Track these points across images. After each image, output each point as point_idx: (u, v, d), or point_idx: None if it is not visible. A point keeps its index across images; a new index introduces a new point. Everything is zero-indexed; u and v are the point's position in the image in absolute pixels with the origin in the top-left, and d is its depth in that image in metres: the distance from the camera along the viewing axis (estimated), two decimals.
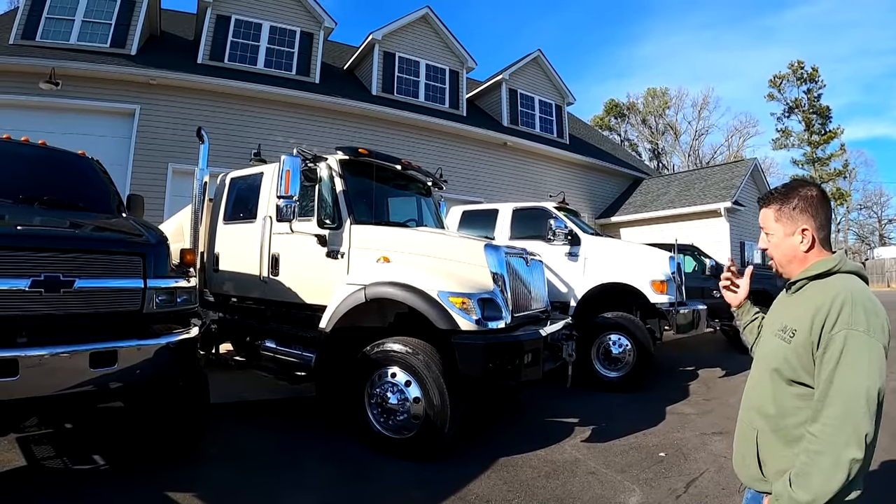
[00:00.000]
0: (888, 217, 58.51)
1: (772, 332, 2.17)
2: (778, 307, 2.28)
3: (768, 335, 2.21)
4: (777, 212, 2.16)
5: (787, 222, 2.13)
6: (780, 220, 2.16)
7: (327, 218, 6.17)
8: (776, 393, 2.04)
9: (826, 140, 57.21)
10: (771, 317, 2.31)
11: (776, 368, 2.03)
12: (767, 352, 2.15)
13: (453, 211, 10.94)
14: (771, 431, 2.04)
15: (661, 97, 64.54)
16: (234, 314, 7.39)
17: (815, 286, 2.04)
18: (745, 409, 2.24)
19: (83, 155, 6.19)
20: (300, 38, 16.93)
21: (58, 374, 3.61)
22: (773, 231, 2.20)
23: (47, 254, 3.76)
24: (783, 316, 2.13)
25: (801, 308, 2.01)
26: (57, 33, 13.88)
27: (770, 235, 2.22)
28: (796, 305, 2.08)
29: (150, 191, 12.48)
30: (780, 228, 2.16)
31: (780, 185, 2.27)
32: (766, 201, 2.23)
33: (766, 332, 2.27)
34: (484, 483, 4.70)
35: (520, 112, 21.78)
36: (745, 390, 2.30)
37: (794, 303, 2.11)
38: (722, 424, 6.53)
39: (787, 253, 2.16)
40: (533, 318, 6.27)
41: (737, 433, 2.28)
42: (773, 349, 2.10)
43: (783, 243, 2.16)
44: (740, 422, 2.27)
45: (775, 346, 2.08)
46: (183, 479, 4.51)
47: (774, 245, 2.20)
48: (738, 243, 19.92)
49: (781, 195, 2.17)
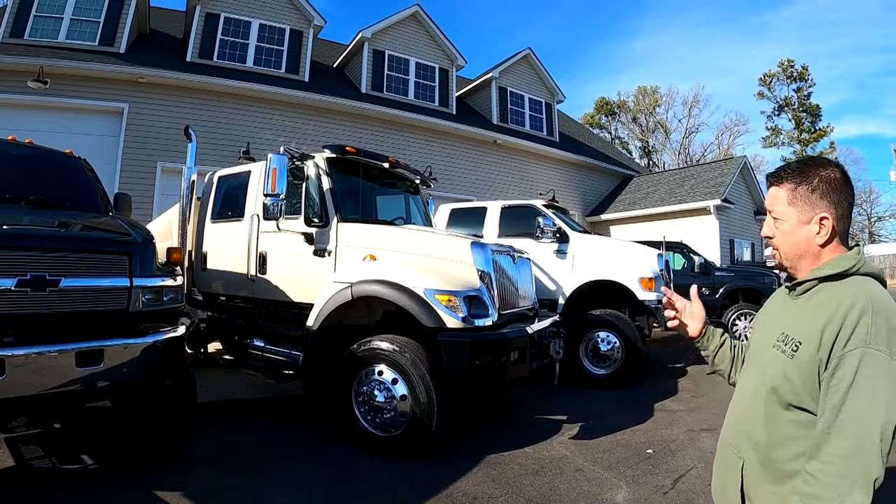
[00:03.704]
0: (877, 214, 58.80)
1: (768, 339, 1.79)
2: (777, 309, 1.92)
3: (763, 343, 1.83)
4: (792, 192, 1.75)
5: (803, 207, 1.72)
6: (794, 204, 1.74)
7: (314, 216, 6.17)
8: (769, 417, 1.69)
9: (816, 138, 57.55)
10: (767, 320, 1.94)
11: (774, 388, 1.68)
12: (763, 365, 1.78)
13: (442, 209, 10.96)
14: (759, 463, 1.71)
15: (652, 95, 64.69)
16: (223, 313, 7.39)
17: (828, 289, 1.68)
18: (730, 431, 1.90)
19: (70, 154, 6.17)
20: (289, 36, 16.90)
21: (44, 373, 3.61)
22: (783, 216, 1.77)
23: (33, 253, 3.76)
24: (785, 322, 1.76)
25: (810, 316, 1.65)
26: (45, 31, 13.79)
27: (779, 221, 1.79)
28: (802, 311, 1.72)
29: (139, 189, 12.47)
30: (793, 213, 1.74)
31: (794, 162, 1.85)
32: (779, 178, 1.80)
33: (760, 339, 1.89)
34: (471, 481, 4.71)
35: (510, 110, 21.83)
36: (731, 405, 1.95)
37: (800, 308, 1.74)
38: (710, 421, 6.56)
39: (799, 245, 1.75)
40: (520, 316, 6.28)
41: (718, 455, 1.97)
42: (770, 363, 1.73)
43: (795, 232, 1.75)
44: (722, 443, 1.94)
45: (773, 359, 1.72)
46: (171, 478, 4.51)
47: (784, 233, 1.78)
48: (728, 241, 20.05)
49: (799, 173, 1.75)
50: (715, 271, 13.84)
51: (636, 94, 65.74)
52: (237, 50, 16.08)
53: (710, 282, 13.41)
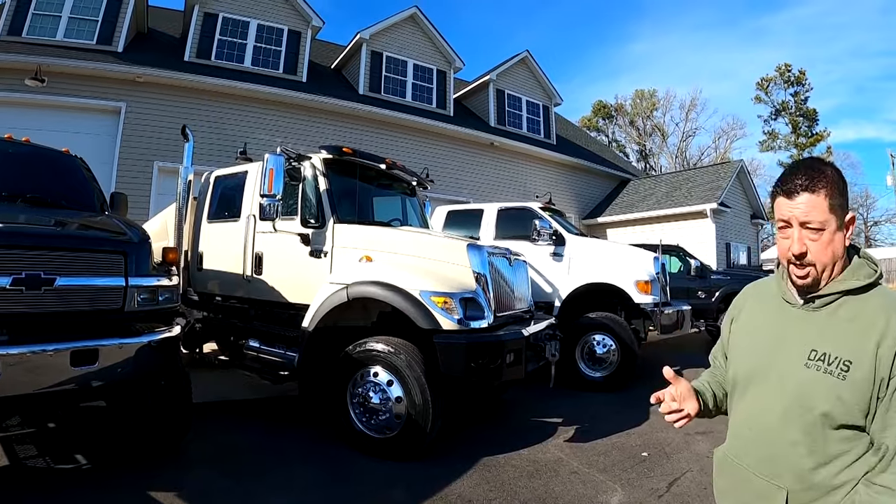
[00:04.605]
0: (874, 219, 58.93)
1: (786, 355, 1.68)
2: (776, 318, 1.79)
3: (778, 360, 1.70)
4: (831, 199, 1.60)
5: (839, 212, 1.61)
6: (834, 210, 1.60)
7: (311, 217, 6.18)
8: (816, 441, 1.58)
9: (813, 143, 57.66)
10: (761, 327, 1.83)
11: (825, 413, 1.55)
12: (798, 386, 1.62)
13: (438, 211, 10.96)
14: (805, 489, 1.60)
15: (649, 99, 64.78)
16: (218, 313, 7.38)
17: (857, 302, 1.61)
18: (754, 456, 1.75)
19: (67, 153, 6.17)
20: (288, 37, 16.90)
21: (39, 372, 3.60)
22: (824, 225, 1.60)
23: (29, 251, 3.75)
24: (810, 337, 1.64)
25: (851, 332, 1.56)
26: (43, 30, 13.77)
27: (819, 232, 1.61)
28: (835, 327, 1.61)
29: (136, 189, 12.46)
30: (833, 220, 1.60)
31: (799, 166, 1.69)
32: (812, 184, 1.61)
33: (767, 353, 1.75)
34: (466, 483, 4.71)
35: (507, 112, 21.83)
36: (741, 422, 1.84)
37: (828, 322, 1.63)
38: (705, 424, 6.53)
39: (838, 252, 1.62)
40: (516, 318, 6.28)
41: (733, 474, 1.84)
42: (808, 383, 1.59)
43: (834, 239, 1.61)
44: (739, 466, 1.80)
45: (813, 379, 1.58)
46: (165, 478, 4.50)
47: (824, 244, 1.61)
48: (724, 244, 20.08)
49: (826, 178, 1.61)
50: (711, 274, 13.84)
51: (633, 97, 65.88)
52: (235, 50, 16.07)
53: (706, 285, 13.42)
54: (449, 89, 20.26)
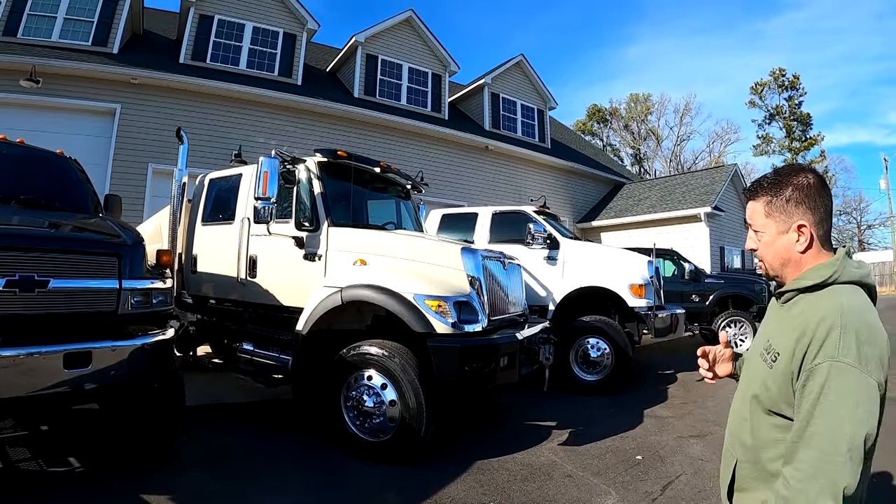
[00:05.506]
0: (867, 222, 59.23)
1: (757, 347, 1.88)
2: (769, 317, 1.98)
3: (753, 353, 1.91)
4: (768, 205, 1.81)
5: (780, 217, 1.78)
6: (771, 215, 1.80)
7: (305, 220, 6.18)
8: (754, 422, 1.77)
9: (807, 147, 57.98)
10: (761, 329, 2.00)
11: (755, 395, 1.75)
12: (750, 372, 1.87)
13: (433, 214, 10.96)
14: (748, 463, 1.79)
15: (644, 103, 65.08)
16: (212, 316, 7.37)
17: (807, 301, 1.73)
18: (728, 432, 1.97)
19: (61, 154, 6.16)
20: (283, 40, 16.89)
21: (32, 374, 3.59)
22: (762, 228, 1.83)
23: (22, 253, 3.75)
24: (771, 330, 1.84)
25: (788, 327, 1.70)
26: (39, 30, 13.72)
27: (759, 234, 1.85)
28: (784, 322, 1.77)
29: (130, 191, 12.42)
30: (771, 225, 1.81)
31: (769, 173, 1.90)
32: (754, 192, 1.86)
33: (753, 345, 1.95)
34: (459, 486, 4.71)
35: (502, 116, 21.88)
36: (731, 406, 2.00)
37: (783, 318, 1.80)
38: (699, 427, 6.59)
39: (781, 254, 1.81)
40: (510, 322, 6.30)
41: (724, 450, 2.01)
42: (754, 372, 1.82)
43: (775, 243, 1.81)
44: (725, 441, 2.00)
45: (756, 367, 1.81)
46: (159, 481, 4.49)
47: (765, 245, 1.84)
48: (718, 248, 20.13)
49: (772, 184, 1.81)
50: (705, 278, 13.87)
51: (628, 101, 66.24)
52: (230, 52, 16.06)
53: (700, 289, 13.46)
54: (444, 93, 20.28)
